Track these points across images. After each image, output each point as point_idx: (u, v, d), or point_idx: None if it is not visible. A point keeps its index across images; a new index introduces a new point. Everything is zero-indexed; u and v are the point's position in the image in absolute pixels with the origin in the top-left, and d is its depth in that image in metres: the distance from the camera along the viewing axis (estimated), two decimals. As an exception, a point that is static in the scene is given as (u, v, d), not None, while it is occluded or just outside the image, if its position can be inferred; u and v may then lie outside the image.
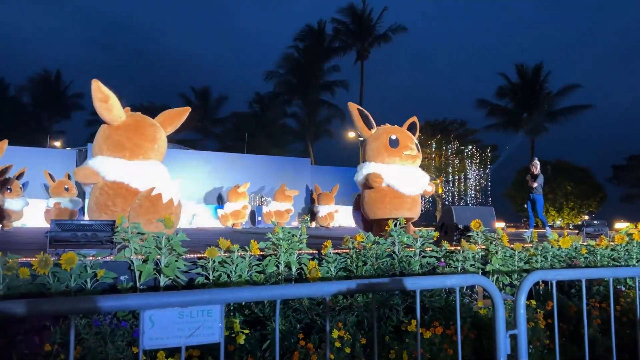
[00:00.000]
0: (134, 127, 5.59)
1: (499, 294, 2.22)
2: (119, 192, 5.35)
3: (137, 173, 5.41)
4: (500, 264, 5.09)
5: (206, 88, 46.83)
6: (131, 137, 5.51)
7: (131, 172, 5.39)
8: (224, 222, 17.93)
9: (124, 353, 3.18)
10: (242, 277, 4.04)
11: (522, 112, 37.76)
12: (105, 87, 5.52)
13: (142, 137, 5.57)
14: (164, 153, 5.99)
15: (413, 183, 7.24)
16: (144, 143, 5.57)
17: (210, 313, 1.63)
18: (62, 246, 4.13)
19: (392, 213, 7.10)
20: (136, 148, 5.51)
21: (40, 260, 3.40)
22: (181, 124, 6.34)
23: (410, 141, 7.44)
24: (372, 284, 1.88)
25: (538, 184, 10.45)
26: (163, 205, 5.20)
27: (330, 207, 19.76)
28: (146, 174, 5.45)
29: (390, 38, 38.25)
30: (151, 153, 5.63)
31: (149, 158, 5.61)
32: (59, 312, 1.39)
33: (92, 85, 5.47)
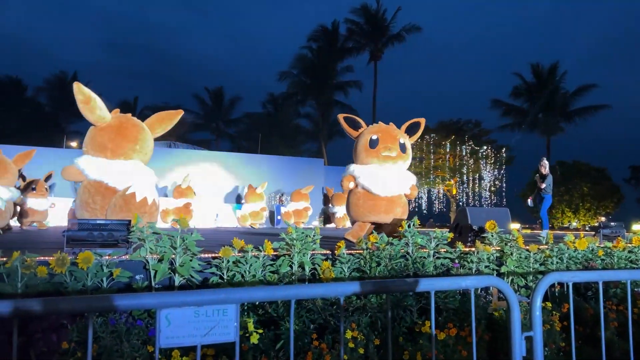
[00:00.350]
0: (117, 128, 5.77)
1: (514, 296, 2.21)
2: (99, 191, 5.59)
3: (117, 172, 5.60)
4: (515, 265, 5.05)
5: (220, 89, 47.07)
6: (113, 138, 5.71)
7: (111, 171, 5.59)
8: (243, 222, 17.99)
9: (139, 351, 3.21)
10: (255, 277, 4.06)
11: (538, 112, 37.42)
12: (87, 88, 5.69)
13: (124, 138, 5.74)
14: (149, 153, 6.13)
15: (389, 184, 6.86)
16: (125, 143, 5.74)
17: (226, 312, 1.64)
18: (79, 245, 4.18)
19: (367, 216, 6.94)
20: (117, 148, 5.70)
21: (58, 259, 3.45)
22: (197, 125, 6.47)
23: (391, 141, 7.03)
24: (387, 285, 1.88)
25: (547, 184, 10.37)
26: (136, 204, 5.32)
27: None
28: (125, 174, 5.61)
29: (404, 38, 38.17)
30: (132, 153, 5.79)
31: (130, 158, 5.78)
32: (77, 310, 1.41)
33: (73, 88, 5.67)
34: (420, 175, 33.09)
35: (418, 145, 32.98)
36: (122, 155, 5.72)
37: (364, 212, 7.01)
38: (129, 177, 5.62)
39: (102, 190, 5.58)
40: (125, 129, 5.81)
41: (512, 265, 5.02)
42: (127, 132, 5.80)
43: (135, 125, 5.95)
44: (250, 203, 17.97)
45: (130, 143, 5.78)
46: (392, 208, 6.90)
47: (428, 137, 32.63)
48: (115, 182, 5.59)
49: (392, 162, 6.98)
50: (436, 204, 34.55)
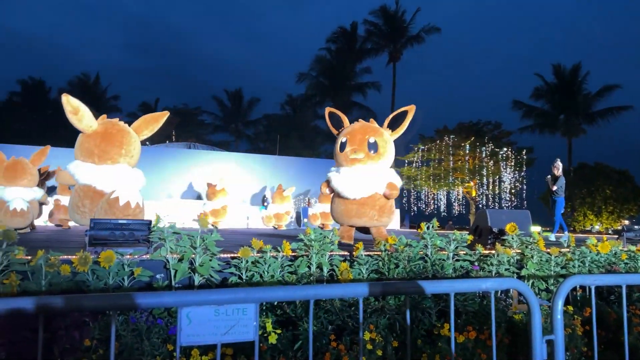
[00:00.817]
0: (102, 135, 6.07)
1: (535, 299, 2.18)
2: (88, 194, 5.94)
3: (103, 176, 5.92)
4: (536, 268, 4.99)
5: (239, 90, 47.40)
6: (98, 144, 6.01)
7: (98, 175, 5.93)
8: (267, 223, 18.09)
9: (159, 350, 3.25)
10: (274, 278, 4.08)
11: (559, 114, 36.89)
12: (75, 99, 6.03)
13: (108, 143, 6.04)
14: (136, 155, 6.39)
15: (357, 186, 6.59)
16: (110, 149, 6.03)
17: (246, 311, 1.65)
18: (101, 244, 4.24)
19: (343, 219, 6.83)
20: (103, 154, 6.01)
21: (80, 258, 3.51)
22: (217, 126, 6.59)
23: (358, 143, 6.73)
24: (406, 286, 1.87)
25: (558, 186, 10.21)
26: (120, 207, 5.52)
27: None
28: (111, 178, 5.93)
29: (424, 39, 37.99)
30: (118, 158, 6.08)
31: (117, 162, 6.08)
32: (100, 307, 1.43)
33: (62, 100, 6.00)
34: (439, 177, 32.85)
35: (437, 147, 32.78)
36: (109, 160, 6.03)
37: (338, 216, 6.91)
38: (115, 181, 5.91)
39: (90, 193, 5.92)
40: (110, 134, 6.10)
41: (532, 268, 4.96)
42: (112, 138, 6.08)
43: (120, 131, 6.22)
44: (276, 204, 18.07)
45: (116, 148, 6.06)
46: (364, 211, 6.64)
47: (447, 139, 32.38)
48: (102, 186, 5.89)
49: (361, 164, 6.70)
50: (455, 206, 34.25)
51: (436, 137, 34.52)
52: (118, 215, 5.41)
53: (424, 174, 33.33)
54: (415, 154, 33.54)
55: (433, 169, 33.13)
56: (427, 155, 33.38)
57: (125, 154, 6.12)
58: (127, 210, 5.54)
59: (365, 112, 41.15)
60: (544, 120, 37.28)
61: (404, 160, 34.39)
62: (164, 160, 18.90)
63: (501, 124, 35.52)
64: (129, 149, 6.16)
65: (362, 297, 1.94)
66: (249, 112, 47.68)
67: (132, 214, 5.56)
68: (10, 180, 9.85)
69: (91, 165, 5.98)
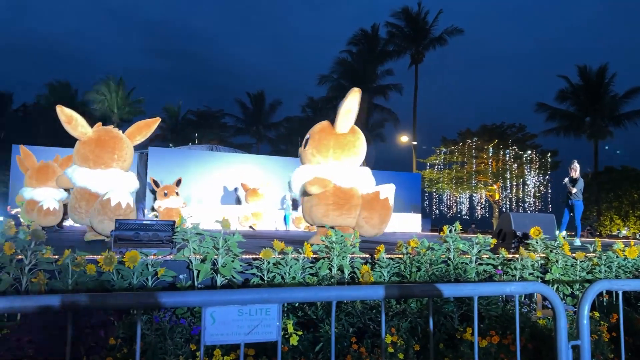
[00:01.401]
0: (96, 141, 6.55)
1: (561, 303, 2.15)
2: (84, 196, 6.45)
3: (97, 180, 6.42)
4: (561, 273, 4.91)
5: (261, 93, 47.66)
6: (92, 150, 6.49)
7: (92, 179, 6.43)
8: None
9: (182, 349, 3.29)
10: (295, 279, 4.09)
11: (585, 116, 36.24)
12: (68, 109, 6.59)
13: (102, 149, 6.51)
14: (128, 160, 6.82)
15: (297, 183, 6.55)
16: (103, 154, 6.51)
17: (269, 312, 1.67)
18: (126, 245, 4.31)
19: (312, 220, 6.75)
20: (97, 159, 6.49)
21: (106, 257, 3.58)
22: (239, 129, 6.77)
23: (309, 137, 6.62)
24: (430, 289, 1.86)
25: (577, 189, 10.03)
26: (111, 208, 6.02)
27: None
28: (105, 181, 6.41)
29: (446, 41, 37.69)
30: (111, 162, 6.55)
31: (110, 166, 6.55)
32: (126, 305, 1.46)
33: (57, 110, 6.56)
34: (461, 180, 32.56)
35: (459, 150, 32.50)
36: (102, 165, 6.50)
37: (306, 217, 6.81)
38: (109, 184, 6.39)
39: (86, 196, 6.43)
40: (104, 141, 6.57)
41: (557, 273, 4.88)
42: (105, 144, 6.55)
43: (113, 137, 6.67)
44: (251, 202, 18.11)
45: (108, 153, 6.53)
46: (306, 209, 6.51)
47: (470, 141, 32.08)
48: (97, 189, 6.39)
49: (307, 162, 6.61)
50: (478, 210, 33.90)
51: (459, 139, 34.24)
52: (110, 216, 5.95)
53: (446, 177, 33.08)
54: (438, 157, 33.32)
55: (455, 171, 32.86)
56: (449, 158, 33.12)
57: (118, 158, 6.58)
58: (118, 210, 6.03)
59: (386, 114, 41.06)
60: (569, 122, 36.65)
61: (426, 163, 34.19)
62: (187, 162, 19.11)
63: (525, 127, 35.07)
64: (121, 154, 6.61)
65: (385, 299, 1.93)
66: (270, 114, 47.93)
67: (123, 214, 6.04)
68: (41, 181, 10.42)
69: (86, 169, 6.47)
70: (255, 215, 17.54)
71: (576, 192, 10.04)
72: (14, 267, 3.46)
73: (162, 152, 19.84)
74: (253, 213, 17.55)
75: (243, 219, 17.58)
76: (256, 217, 17.53)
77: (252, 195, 17.70)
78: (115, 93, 42.23)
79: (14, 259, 3.48)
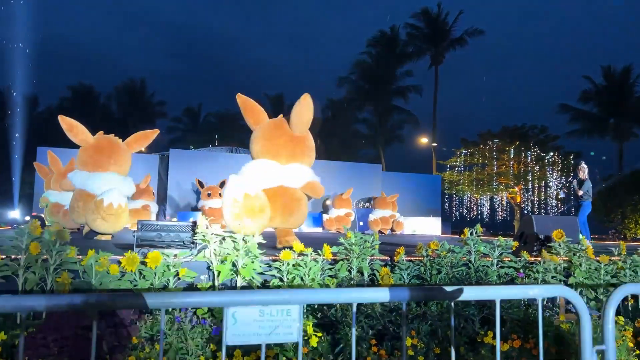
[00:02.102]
0: (94, 147, 7.22)
1: (585, 307, 2.12)
2: (82, 197, 7.10)
3: (94, 182, 7.04)
4: (584, 276, 4.83)
5: (280, 95, 47.85)
6: (91, 155, 7.17)
7: (89, 181, 7.07)
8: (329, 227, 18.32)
9: (202, 350, 3.31)
10: (315, 281, 4.09)
11: (609, 117, 35.58)
12: (69, 118, 7.19)
13: (100, 155, 7.18)
14: (124, 165, 7.46)
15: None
16: (101, 159, 7.16)
17: (290, 313, 1.67)
18: (148, 246, 4.36)
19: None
20: (95, 163, 7.15)
21: (128, 258, 3.63)
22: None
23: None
24: (451, 292, 1.85)
25: (584, 190, 9.98)
26: (104, 207, 6.63)
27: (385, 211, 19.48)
28: (101, 183, 6.99)
29: (467, 42, 37.46)
30: (108, 166, 7.18)
31: (107, 170, 7.16)
32: (150, 305, 1.48)
33: (59, 119, 7.12)
34: (482, 182, 32.23)
35: (480, 151, 32.18)
36: (100, 168, 7.13)
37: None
38: (104, 185, 6.94)
39: (84, 196, 7.07)
40: (102, 147, 7.24)
41: (581, 277, 4.80)
42: (103, 150, 7.22)
43: (111, 145, 7.35)
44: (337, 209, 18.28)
45: (105, 158, 7.18)
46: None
47: (491, 143, 31.74)
48: (93, 190, 6.98)
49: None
50: (499, 212, 33.51)
51: (479, 141, 33.90)
52: (102, 215, 6.62)
53: (466, 179, 32.78)
54: (458, 159, 33.03)
55: (476, 173, 32.54)
56: (469, 160, 32.82)
57: (114, 163, 7.22)
58: (110, 210, 6.63)
59: (406, 115, 40.92)
60: (593, 124, 36.03)
61: (446, 165, 33.93)
62: (207, 164, 19.28)
63: (547, 128, 34.60)
64: (117, 159, 7.25)
65: (406, 301, 1.92)
66: (289, 116, 48.09)
67: (115, 213, 6.66)
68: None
69: (85, 172, 7.13)
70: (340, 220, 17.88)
71: (583, 193, 9.99)
72: (40, 266, 3.53)
73: (183, 154, 20.06)
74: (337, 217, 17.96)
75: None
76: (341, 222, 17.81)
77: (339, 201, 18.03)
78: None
79: (39, 258, 3.55)
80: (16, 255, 3.53)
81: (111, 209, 6.60)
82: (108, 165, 7.15)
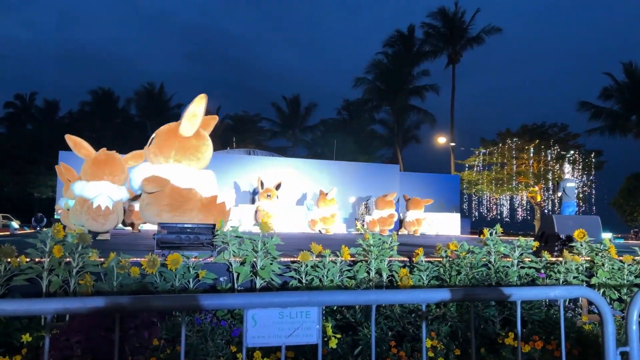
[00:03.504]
0: (94, 161, 8.39)
1: (608, 308, 2.08)
2: (81, 202, 8.20)
3: (89, 189, 8.11)
4: (607, 277, 4.75)
5: (296, 97, 47.99)
6: (90, 167, 8.34)
7: (86, 189, 8.14)
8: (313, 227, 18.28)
9: (223, 351, 3.34)
10: (333, 282, 4.10)
11: (631, 114, 34.91)
12: (74, 136, 8.55)
13: (97, 167, 8.31)
14: (119, 175, 8.49)
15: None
16: (97, 171, 8.27)
17: (309, 314, 1.68)
18: (168, 248, 4.41)
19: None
20: (93, 174, 8.27)
21: (149, 260, 3.67)
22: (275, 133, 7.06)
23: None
24: (472, 293, 1.83)
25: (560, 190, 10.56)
26: (93, 209, 7.84)
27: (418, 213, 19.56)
28: (95, 190, 8.07)
29: (484, 40, 37.10)
30: (103, 176, 8.26)
31: (102, 179, 8.23)
32: (172, 308, 1.49)
33: (65, 138, 8.52)
34: (501, 181, 31.92)
35: (499, 151, 31.86)
36: (96, 178, 8.23)
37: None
38: (97, 192, 8.07)
39: (82, 201, 8.16)
40: (100, 161, 8.39)
41: (603, 277, 4.73)
42: (100, 163, 8.37)
43: (108, 158, 8.50)
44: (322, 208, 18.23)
45: (101, 170, 8.29)
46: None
47: (510, 142, 31.40)
48: (88, 196, 8.07)
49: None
50: (519, 211, 33.12)
51: (498, 140, 33.58)
52: (92, 216, 7.82)
53: (485, 179, 32.48)
54: (476, 158, 32.75)
55: (495, 173, 32.22)
56: (488, 159, 32.52)
57: (109, 174, 8.34)
58: (99, 211, 7.87)
59: (423, 115, 40.68)
60: (614, 121, 35.33)
61: (465, 164, 33.66)
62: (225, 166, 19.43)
63: (567, 126, 34.11)
64: (113, 171, 8.37)
65: (426, 303, 1.92)
66: (306, 117, 48.20)
67: (103, 214, 7.92)
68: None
69: (84, 182, 8.26)
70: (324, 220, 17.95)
71: (560, 194, 10.57)
72: (63, 269, 3.60)
73: (201, 157, 20.21)
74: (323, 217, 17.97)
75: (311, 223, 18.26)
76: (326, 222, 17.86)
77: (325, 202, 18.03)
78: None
79: (62, 261, 3.62)
80: (40, 258, 3.60)
81: (99, 211, 7.75)
82: (103, 175, 8.26)
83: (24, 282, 3.51)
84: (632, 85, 34.54)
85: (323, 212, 18.00)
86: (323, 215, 17.98)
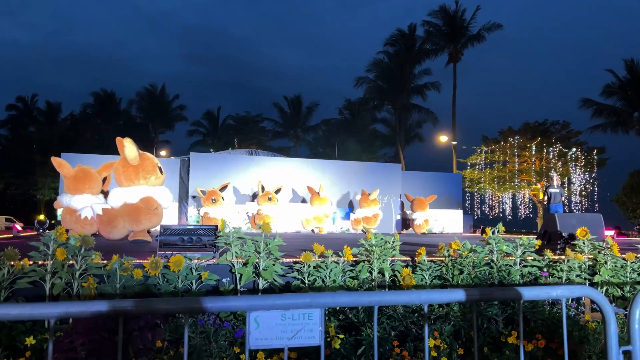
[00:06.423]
0: (73, 177, 9.49)
1: (610, 307, 2.08)
2: (67, 212, 9.30)
3: (75, 202, 9.22)
4: (610, 275, 4.75)
5: (298, 97, 47.95)
6: (72, 182, 9.43)
7: (72, 201, 9.23)
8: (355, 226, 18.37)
9: (226, 352, 3.35)
10: (336, 283, 4.10)
11: (633, 111, 34.81)
12: (59, 159, 9.82)
13: (77, 182, 9.43)
14: (96, 187, 9.65)
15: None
16: (78, 185, 9.40)
17: (311, 316, 1.68)
18: (170, 249, 4.42)
19: None
20: (74, 188, 9.40)
21: (152, 262, 3.68)
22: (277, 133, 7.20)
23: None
24: (476, 293, 1.83)
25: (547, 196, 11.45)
26: (80, 220, 8.97)
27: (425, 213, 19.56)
28: (79, 202, 9.21)
29: (485, 37, 37.04)
30: (83, 189, 9.40)
31: (83, 192, 9.37)
32: (175, 310, 1.50)
33: (51, 160, 9.75)
34: (504, 180, 31.87)
35: (501, 148, 31.81)
36: (77, 192, 9.36)
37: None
38: (81, 204, 9.16)
39: (69, 211, 9.27)
40: (79, 177, 9.50)
41: (606, 275, 4.73)
42: (79, 179, 9.47)
43: (86, 174, 9.61)
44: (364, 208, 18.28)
45: (81, 184, 9.41)
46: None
47: (512, 140, 31.35)
48: (75, 207, 9.18)
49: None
50: (521, 209, 33.06)
51: (500, 138, 33.52)
52: (79, 224, 8.92)
53: (487, 177, 32.43)
54: (478, 156, 32.71)
55: (497, 171, 32.17)
56: (490, 157, 32.46)
57: (88, 187, 9.45)
58: (85, 221, 8.98)
59: (424, 114, 40.65)
60: (617, 118, 35.24)
61: (467, 162, 33.62)
62: (227, 167, 19.44)
63: (569, 124, 34.00)
64: (91, 185, 9.52)
65: (428, 304, 1.92)
66: (308, 117, 48.17)
67: (89, 223, 8.95)
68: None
69: (69, 195, 9.38)
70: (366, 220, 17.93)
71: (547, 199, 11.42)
72: (66, 272, 3.61)
73: (203, 157, 20.22)
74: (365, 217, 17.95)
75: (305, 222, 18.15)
76: (368, 222, 17.84)
77: (367, 202, 18.06)
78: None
79: (65, 264, 3.63)
80: (43, 261, 3.61)
81: (86, 221, 9.00)
82: (84, 189, 9.46)
83: (27, 285, 3.52)
84: (634, 81, 34.45)
85: (366, 212, 18.04)
86: (366, 215, 18.02)
